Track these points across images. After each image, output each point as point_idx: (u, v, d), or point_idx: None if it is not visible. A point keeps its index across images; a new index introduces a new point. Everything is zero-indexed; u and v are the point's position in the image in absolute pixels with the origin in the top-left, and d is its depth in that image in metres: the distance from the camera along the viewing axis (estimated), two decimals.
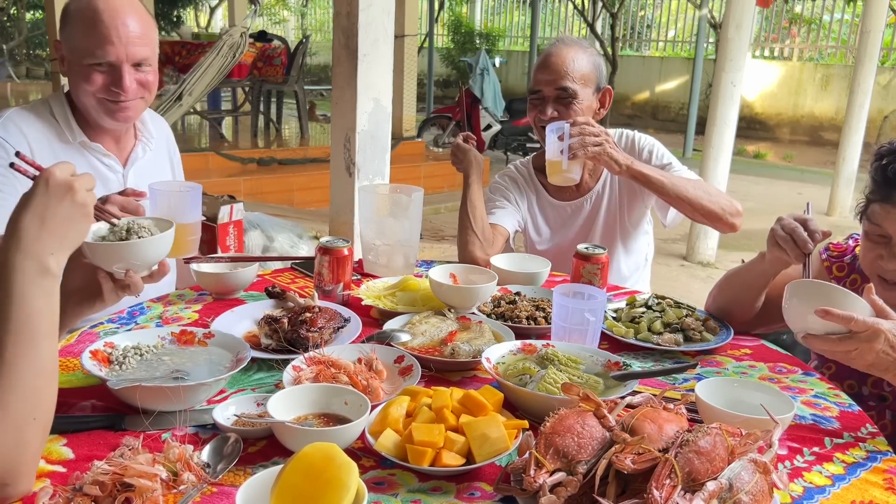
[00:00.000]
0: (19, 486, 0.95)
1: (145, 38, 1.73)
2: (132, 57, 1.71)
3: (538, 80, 2.12)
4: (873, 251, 1.49)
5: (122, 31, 1.68)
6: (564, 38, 2.17)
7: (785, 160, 11.70)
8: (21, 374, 0.94)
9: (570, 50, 2.09)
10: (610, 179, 2.22)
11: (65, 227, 1.02)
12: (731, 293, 1.72)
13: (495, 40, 16.74)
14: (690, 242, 6.11)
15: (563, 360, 1.40)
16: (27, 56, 16.79)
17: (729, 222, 2.01)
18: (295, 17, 23.77)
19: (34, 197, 1.01)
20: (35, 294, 0.97)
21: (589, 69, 2.10)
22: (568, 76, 2.07)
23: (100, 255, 1.22)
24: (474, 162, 2.13)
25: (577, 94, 2.07)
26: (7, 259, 0.98)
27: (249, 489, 0.92)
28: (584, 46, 2.15)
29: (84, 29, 1.68)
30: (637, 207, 2.22)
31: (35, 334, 0.96)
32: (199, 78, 4.74)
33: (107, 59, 1.68)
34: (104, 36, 1.67)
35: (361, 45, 2.74)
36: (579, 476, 0.96)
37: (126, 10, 1.69)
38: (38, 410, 0.96)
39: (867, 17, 7.64)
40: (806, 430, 1.29)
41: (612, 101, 2.19)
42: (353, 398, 1.18)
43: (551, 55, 2.10)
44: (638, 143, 2.20)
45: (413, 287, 1.77)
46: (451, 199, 7.16)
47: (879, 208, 1.46)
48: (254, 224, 4.33)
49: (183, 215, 1.51)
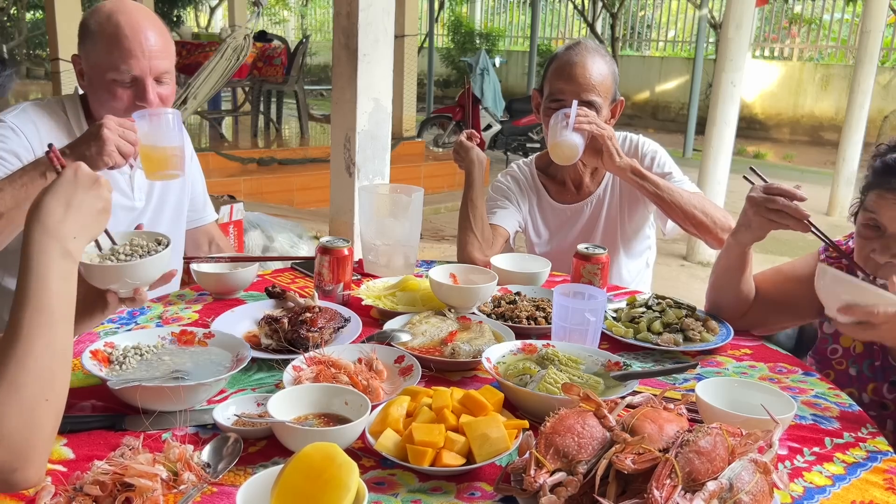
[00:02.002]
0: (28, 472, 0.93)
1: (166, 51, 1.75)
2: (155, 70, 1.72)
3: (561, 88, 2.04)
4: (867, 247, 1.50)
5: (145, 45, 1.70)
6: (585, 44, 2.09)
7: (785, 160, 11.70)
8: (36, 353, 0.94)
9: (594, 60, 2.04)
10: (611, 184, 2.21)
11: (88, 216, 1.05)
12: (719, 287, 1.73)
13: (495, 40, 16.75)
14: (690, 242, 6.11)
15: (563, 360, 1.40)
16: (27, 56, 16.79)
17: (719, 237, 1.99)
18: (295, 17, 23.78)
19: (62, 184, 1.04)
20: (56, 275, 0.98)
21: (610, 81, 2.06)
22: (594, 89, 2.02)
23: (97, 276, 1.19)
24: (476, 160, 2.11)
25: (600, 108, 2.04)
26: (31, 238, 0.99)
27: (249, 489, 0.92)
28: (604, 55, 2.09)
29: (107, 44, 1.69)
30: (638, 213, 2.21)
31: (52, 315, 0.96)
32: (204, 81, 4.73)
33: (131, 73, 1.69)
34: (128, 50, 1.68)
35: (361, 45, 2.74)
36: (579, 476, 0.96)
37: (147, 25, 1.72)
38: (51, 392, 0.95)
39: (867, 17, 7.64)
40: (806, 430, 1.29)
41: (621, 112, 2.16)
42: (353, 398, 1.18)
43: (576, 65, 2.03)
44: (641, 147, 2.18)
45: (413, 287, 1.77)
46: (451, 199, 7.16)
47: (875, 196, 1.47)
48: (254, 224, 4.33)
49: (165, 138, 1.64)
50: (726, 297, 1.72)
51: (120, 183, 1.85)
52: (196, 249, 2.11)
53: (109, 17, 1.70)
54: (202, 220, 2.14)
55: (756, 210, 1.54)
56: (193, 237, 2.12)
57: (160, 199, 1.94)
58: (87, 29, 1.73)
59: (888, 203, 1.44)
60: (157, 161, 1.65)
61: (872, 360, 1.59)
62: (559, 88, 2.05)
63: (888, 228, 1.45)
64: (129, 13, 1.71)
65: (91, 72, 1.74)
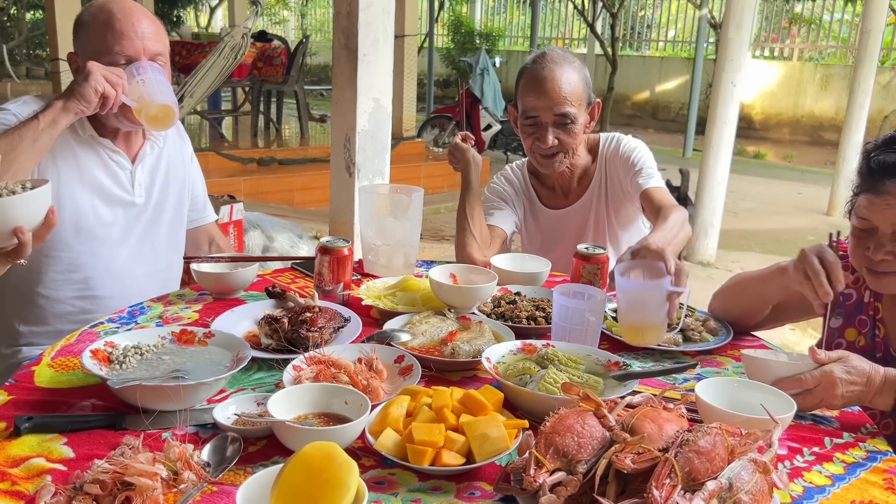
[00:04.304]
0: None
1: (158, 34, 1.79)
2: (148, 51, 1.75)
3: (533, 105, 2.03)
4: (861, 246, 1.51)
5: (137, 27, 1.74)
6: (551, 55, 2.06)
7: (785, 160, 11.70)
8: None
9: (562, 70, 2.02)
10: (598, 188, 2.20)
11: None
12: (743, 300, 1.71)
13: (495, 40, 16.73)
14: (690, 242, 6.10)
15: (563, 360, 1.40)
16: (27, 56, 16.78)
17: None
18: (295, 17, 23.77)
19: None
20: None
21: (581, 88, 2.05)
22: (566, 101, 2.01)
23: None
24: (472, 162, 2.10)
25: (576, 118, 2.03)
26: None
27: (249, 489, 0.92)
28: (571, 62, 2.07)
29: (100, 30, 1.73)
30: (624, 211, 2.20)
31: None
32: (201, 79, 4.72)
33: (125, 53, 1.72)
34: (121, 32, 1.72)
35: (361, 45, 2.74)
36: (579, 476, 0.96)
37: (139, 11, 1.77)
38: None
39: (867, 17, 7.64)
40: (806, 430, 1.29)
41: (600, 113, 2.15)
42: (353, 398, 1.19)
43: (545, 79, 2.01)
44: (621, 146, 2.17)
45: (413, 287, 1.77)
46: (451, 199, 7.14)
47: (864, 200, 1.48)
48: (254, 224, 4.34)
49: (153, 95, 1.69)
50: (747, 316, 1.71)
51: (120, 179, 1.85)
52: (196, 249, 2.11)
53: (102, 7, 1.74)
54: (202, 220, 2.14)
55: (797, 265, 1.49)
56: (193, 237, 2.12)
57: (160, 195, 1.94)
58: (81, 22, 1.78)
59: (878, 207, 1.46)
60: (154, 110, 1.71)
61: (874, 352, 1.61)
62: (531, 105, 2.04)
63: (880, 228, 1.48)
64: (120, 2, 1.76)
65: (86, 61, 1.74)
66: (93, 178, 1.80)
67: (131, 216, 1.89)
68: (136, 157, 1.89)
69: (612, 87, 11.22)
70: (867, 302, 1.63)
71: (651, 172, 2.08)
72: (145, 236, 1.92)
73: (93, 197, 1.81)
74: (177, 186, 2.00)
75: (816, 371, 1.30)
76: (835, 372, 1.29)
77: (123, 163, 1.86)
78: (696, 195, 6.00)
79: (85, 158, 1.80)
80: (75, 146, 1.79)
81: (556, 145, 2.05)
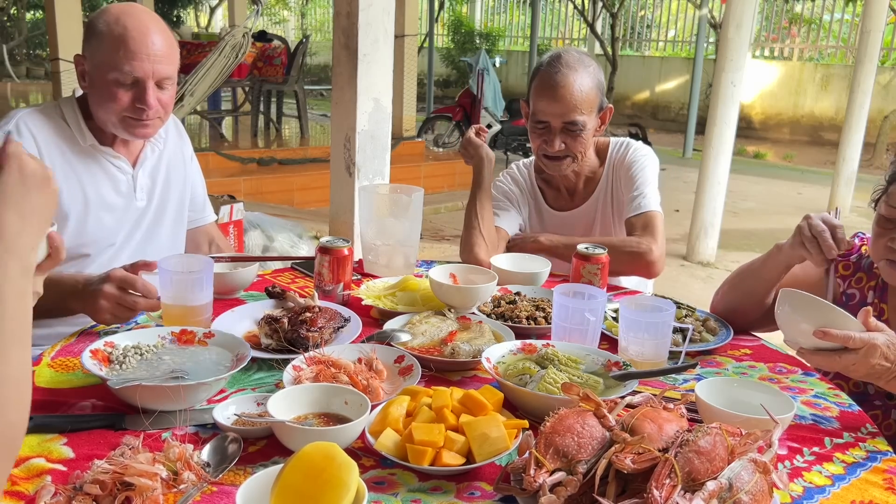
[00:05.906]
0: None
1: (170, 57, 1.76)
2: (157, 74, 1.72)
3: (544, 110, 2.01)
4: (885, 235, 1.51)
5: (150, 48, 1.70)
6: (566, 59, 2.02)
7: (785, 160, 11.70)
8: None
9: (576, 75, 1.98)
10: (604, 191, 2.20)
11: (43, 221, 0.94)
12: (743, 289, 1.71)
13: (495, 40, 16.74)
14: (690, 242, 6.11)
15: (563, 360, 1.40)
16: (27, 56, 16.79)
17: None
18: (295, 17, 23.78)
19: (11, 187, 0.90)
20: (13, 295, 0.86)
21: (594, 94, 2.02)
22: (577, 109, 1.98)
23: None
24: (486, 158, 2.08)
25: (585, 125, 2.01)
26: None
27: (249, 489, 0.92)
28: (587, 66, 2.03)
29: (113, 43, 1.69)
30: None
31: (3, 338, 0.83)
32: (202, 79, 4.73)
33: (134, 74, 1.70)
34: (133, 51, 1.69)
35: (361, 45, 2.74)
36: (579, 476, 0.96)
37: (155, 29, 1.73)
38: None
39: (867, 17, 7.64)
40: (806, 430, 1.29)
41: (611, 117, 2.13)
42: (353, 398, 1.18)
43: (557, 86, 1.97)
44: (628, 155, 2.15)
45: (413, 287, 1.77)
46: (451, 199, 7.16)
47: None
48: (254, 224, 4.34)
49: (193, 297, 1.50)
50: (748, 304, 1.70)
51: (123, 185, 1.85)
52: (196, 250, 2.11)
53: (118, 19, 1.70)
54: (202, 221, 2.14)
55: (798, 230, 1.51)
56: (193, 237, 2.12)
57: (162, 199, 1.94)
58: (95, 29, 1.73)
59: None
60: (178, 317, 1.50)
61: None
62: (542, 109, 2.02)
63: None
64: (138, 17, 1.72)
65: (94, 71, 1.74)
66: (96, 194, 1.80)
67: (134, 220, 1.89)
68: (137, 161, 1.89)
69: (612, 87, 11.24)
70: (871, 302, 1.63)
71: (645, 193, 2.07)
72: (147, 238, 1.92)
73: (97, 210, 1.80)
74: (178, 187, 1.99)
75: (865, 334, 1.26)
76: (878, 340, 1.26)
77: (125, 167, 1.86)
78: (696, 195, 6.01)
79: (86, 174, 1.79)
80: (75, 162, 1.77)
81: (563, 150, 2.04)
